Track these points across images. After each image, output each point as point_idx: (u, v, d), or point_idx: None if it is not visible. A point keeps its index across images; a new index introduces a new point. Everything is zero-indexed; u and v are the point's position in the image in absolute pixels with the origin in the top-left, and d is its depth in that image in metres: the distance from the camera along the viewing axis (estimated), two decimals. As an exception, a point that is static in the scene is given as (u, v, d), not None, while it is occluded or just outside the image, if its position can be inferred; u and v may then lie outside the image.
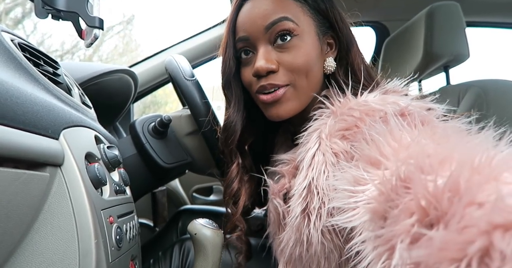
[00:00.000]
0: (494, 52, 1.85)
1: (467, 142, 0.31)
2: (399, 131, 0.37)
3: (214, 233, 0.53)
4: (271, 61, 0.52)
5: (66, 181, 0.37)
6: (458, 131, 0.37)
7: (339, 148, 0.45)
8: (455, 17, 0.95)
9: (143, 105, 2.00)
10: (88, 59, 2.87)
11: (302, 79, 0.53)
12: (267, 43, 0.53)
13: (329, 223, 0.43)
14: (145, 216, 1.26)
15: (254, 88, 0.55)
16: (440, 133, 0.36)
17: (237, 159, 0.62)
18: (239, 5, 0.56)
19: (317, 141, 0.49)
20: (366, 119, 0.44)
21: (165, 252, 0.79)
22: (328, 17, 0.56)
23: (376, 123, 0.41)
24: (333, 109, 0.50)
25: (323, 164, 0.46)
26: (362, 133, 0.41)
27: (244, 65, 0.57)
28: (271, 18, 0.52)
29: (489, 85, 0.87)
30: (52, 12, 0.51)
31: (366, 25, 1.47)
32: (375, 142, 0.37)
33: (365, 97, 0.49)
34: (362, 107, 0.46)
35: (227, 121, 0.60)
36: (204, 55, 1.26)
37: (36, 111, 0.35)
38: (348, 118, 0.46)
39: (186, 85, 0.71)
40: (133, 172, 0.69)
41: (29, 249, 0.35)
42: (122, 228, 0.47)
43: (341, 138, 0.46)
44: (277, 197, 0.56)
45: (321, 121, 0.50)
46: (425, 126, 0.40)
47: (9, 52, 0.43)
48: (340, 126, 0.46)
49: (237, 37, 0.56)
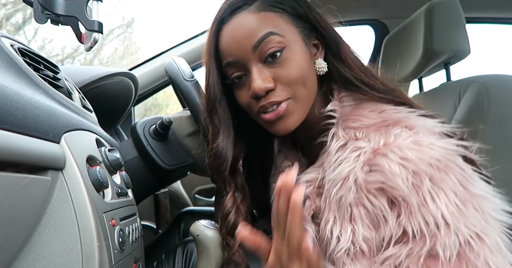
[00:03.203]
0: (495, 48, 1.84)
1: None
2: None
3: (216, 234, 0.53)
4: (267, 80, 0.50)
5: (68, 184, 0.37)
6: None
7: (375, 208, 0.44)
8: (454, 14, 0.95)
9: (144, 107, 2.01)
10: (89, 63, 2.88)
11: (300, 89, 0.51)
12: (257, 61, 0.51)
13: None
14: (147, 218, 1.27)
15: (255, 109, 0.53)
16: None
17: (231, 188, 0.59)
18: (217, 29, 0.53)
19: (353, 189, 0.46)
20: (403, 180, 0.43)
21: (168, 255, 0.79)
22: (309, 20, 0.54)
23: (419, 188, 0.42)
24: (367, 149, 0.47)
25: (356, 211, 0.46)
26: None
27: (238, 88, 0.55)
28: (257, 36, 0.50)
29: (490, 81, 0.87)
30: (51, 16, 0.51)
31: (365, 24, 1.47)
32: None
33: (398, 138, 0.46)
34: (399, 158, 0.44)
35: (217, 149, 0.57)
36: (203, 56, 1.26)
37: (37, 115, 0.36)
38: (385, 170, 0.44)
39: (185, 86, 0.71)
40: (135, 174, 0.69)
41: (32, 253, 0.35)
42: (125, 230, 0.47)
43: (379, 191, 0.44)
44: (305, 221, 0.52)
45: (353, 161, 0.47)
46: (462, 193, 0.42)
47: (9, 57, 0.43)
48: (378, 178, 0.44)
49: (224, 62, 0.53)
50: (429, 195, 0.41)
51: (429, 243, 0.41)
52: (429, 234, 0.41)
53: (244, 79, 0.53)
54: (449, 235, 0.40)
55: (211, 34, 0.54)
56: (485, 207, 0.42)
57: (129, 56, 3.16)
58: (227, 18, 0.53)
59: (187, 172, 0.92)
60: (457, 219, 0.41)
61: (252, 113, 0.55)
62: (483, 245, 0.40)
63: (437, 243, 0.41)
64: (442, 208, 0.41)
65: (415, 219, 0.41)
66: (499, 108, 0.82)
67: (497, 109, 0.81)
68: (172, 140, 0.82)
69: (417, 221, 0.41)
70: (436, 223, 0.41)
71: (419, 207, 0.41)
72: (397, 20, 1.31)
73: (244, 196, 0.60)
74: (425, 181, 0.42)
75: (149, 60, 1.27)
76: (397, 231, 0.43)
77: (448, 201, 0.41)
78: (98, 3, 0.52)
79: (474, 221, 0.41)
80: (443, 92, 0.97)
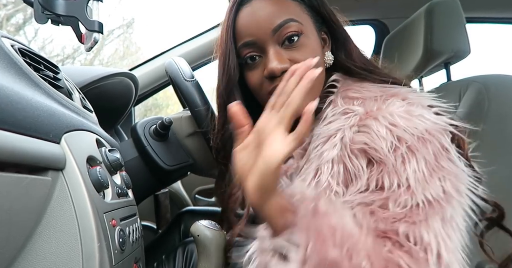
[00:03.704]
0: (496, 48, 1.84)
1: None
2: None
3: (217, 234, 0.53)
4: (284, 61, 0.52)
5: (68, 185, 0.37)
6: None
7: (354, 167, 0.47)
8: (454, 13, 0.95)
9: (144, 108, 2.01)
10: (89, 63, 2.88)
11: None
12: (275, 44, 0.53)
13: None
14: (148, 219, 1.27)
15: (267, 89, 0.54)
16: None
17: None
18: (236, 10, 0.55)
19: (338, 146, 0.49)
20: (386, 144, 0.45)
21: (169, 255, 0.79)
22: (321, 13, 0.57)
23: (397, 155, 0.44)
24: (359, 111, 0.49)
25: (336, 168, 0.48)
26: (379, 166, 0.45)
27: (250, 69, 0.56)
28: (277, 21, 0.52)
29: (490, 81, 0.87)
30: (51, 17, 0.51)
31: (365, 23, 1.47)
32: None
33: (391, 105, 0.48)
34: (388, 122, 0.46)
35: (228, 132, 0.58)
36: (204, 57, 1.26)
37: (37, 115, 0.36)
38: (372, 132, 0.46)
39: (186, 86, 0.71)
40: (135, 174, 0.69)
41: (32, 254, 0.35)
42: (125, 230, 0.47)
43: (361, 152, 0.47)
44: (283, 176, 0.55)
45: (344, 121, 0.50)
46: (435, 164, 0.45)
47: (9, 58, 0.43)
48: (363, 139, 0.47)
49: (241, 42, 0.54)
50: (401, 159, 0.44)
51: (384, 196, 0.44)
52: (388, 189, 0.44)
53: (258, 60, 0.55)
54: (405, 195, 0.43)
55: (229, 15, 0.55)
56: (450, 183, 0.44)
57: (129, 56, 3.16)
58: (246, 1, 0.54)
59: (187, 173, 0.92)
60: (419, 184, 0.43)
61: (263, 94, 0.56)
62: (430, 211, 0.43)
63: (391, 198, 0.43)
64: (409, 172, 0.43)
65: (382, 176, 0.44)
66: (499, 108, 0.82)
67: (497, 109, 0.81)
68: (172, 141, 0.82)
69: (383, 179, 0.44)
70: (399, 184, 0.43)
71: (390, 168, 0.44)
72: (397, 20, 1.31)
73: None
74: (403, 147, 0.44)
75: (149, 60, 1.27)
76: (365, 186, 0.46)
77: (417, 168, 0.44)
78: (98, 3, 0.52)
79: (432, 191, 0.43)
80: (443, 92, 0.97)
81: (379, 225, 0.42)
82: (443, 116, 0.50)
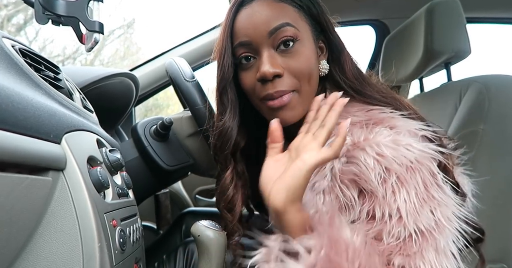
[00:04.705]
0: (496, 48, 1.84)
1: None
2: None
3: (217, 234, 0.53)
4: (276, 65, 0.52)
5: (69, 185, 0.37)
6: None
7: (345, 198, 0.48)
8: (455, 14, 0.95)
9: (145, 108, 2.01)
10: (90, 64, 2.88)
11: (305, 84, 0.53)
12: (270, 47, 0.53)
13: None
14: (148, 219, 1.27)
15: (259, 94, 0.55)
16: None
17: (231, 165, 0.61)
18: (235, 11, 0.55)
19: (328, 177, 0.49)
20: (375, 175, 0.46)
21: (169, 255, 0.79)
22: (319, 22, 0.56)
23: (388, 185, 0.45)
24: (347, 142, 0.49)
25: (328, 198, 0.49)
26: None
27: (244, 70, 0.56)
28: (274, 24, 0.52)
29: (490, 81, 0.87)
30: (52, 17, 0.51)
31: (366, 24, 1.47)
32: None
33: (378, 135, 0.48)
34: (375, 153, 0.47)
35: (223, 128, 0.59)
36: (204, 57, 1.26)
37: (38, 116, 0.36)
38: (361, 163, 0.47)
39: (186, 87, 0.71)
40: (136, 175, 0.69)
41: (33, 254, 0.35)
42: (126, 231, 0.47)
43: (352, 182, 0.47)
44: None
45: None
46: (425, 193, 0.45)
47: (10, 58, 0.43)
48: (352, 170, 0.47)
49: (237, 42, 0.55)
50: (391, 189, 0.45)
51: (377, 227, 0.44)
52: (380, 220, 0.44)
53: (252, 62, 0.55)
54: (397, 226, 0.44)
55: (229, 15, 0.56)
56: (440, 212, 0.45)
57: (130, 56, 3.16)
58: (247, 1, 0.55)
59: (188, 173, 0.92)
60: (411, 215, 0.44)
61: (256, 98, 0.56)
62: (424, 242, 0.43)
63: (384, 230, 0.44)
64: (399, 203, 0.44)
65: (373, 207, 0.45)
66: (500, 108, 0.82)
67: (497, 109, 0.81)
68: (172, 141, 0.82)
69: (374, 209, 0.45)
70: (390, 214, 0.44)
71: (380, 199, 0.45)
72: (397, 20, 1.31)
73: (244, 181, 0.63)
74: (393, 177, 0.45)
75: (150, 60, 1.28)
76: (357, 216, 0.46)
77: (408, 198, 0.44)
78: (99, 3, 0.52)
79: (424, 221, 0.44)
80: (443, 92, 0.97)
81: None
82: (430, 143, 0.50)
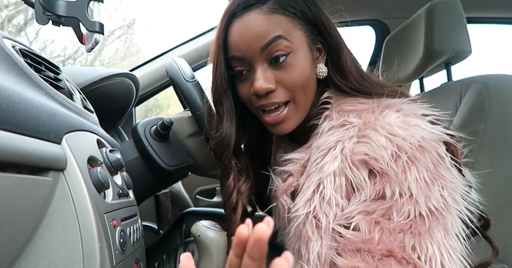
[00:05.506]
0: (496, 48, 1.84)
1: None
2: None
3: (217, 234, 0.53)
4: (269, 81, 0.53)
5: (69, 185, 0.37)
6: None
7: (356, 179, 0.47)
8: (455, 14, 0.95)
9: (145, 108, 2.01)
10: (90, 64, 2.89)
11: (300, 94, 0.54)
12: (263, 61, 0.53)
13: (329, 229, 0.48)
14: (148, 219, 1.27)
15: (254, 104, 0.56)
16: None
17: (233, 172, 0.62)
18: (227, 22, 0.54)
19: (338, 158, 0.49)
20: (387, 153, 0.45)
21: (170, 255, 0.79)
22: (316, 25, 0.55)
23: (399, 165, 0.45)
24: (357, 123, 0.50)
25: (339, 180, 0.49)
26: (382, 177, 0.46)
27: (241, 81, 0.57)
28: (265, 39, 0.51)
29: (491, 81, 0.87)
30: (52, 18, 0.52)
31: (366, 24, 1.46)
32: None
33: (388, 117, 0.49)
34: (387, 132, 0.47)
35: (221, 137, 0.59)
36: (204, 57, 1.25)
37: (38, 116, 0.36)
38: (372, 142, 0.47)
39: (186, 87, 0.71)
40: (136, 175, 0.69)
41: (33, 254, 0.35)
42: (126, 231, 0.47)
43: (362, 163, 0.47)
44: (284, 195, 0.57)
45: (343, 132, 0.50)
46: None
47: (10, 58, 0.43)
48: (363, 150, 0.47)
49: (231, 55, 0.55)
50: (402, 168, 0.45)
51: (386, 205, 0.44)
52: (390, 199, 0.44)
53: (246, 74, 0.56)
54: (408, 204, 0.44)
55: (221, 27, 0.56)
56: (449, 190, 0.45)
57: (130, 57, 3.16)
58: (238, 14, 0.54)
59: (188, 173, 0.92)
60: (422, 193, 0.44)
61: (252, 107, 0.58)
62: (434, 221, 0.43)
63: (394, 208, 0.44)
64: (411, 181, 0.44)
65: (383, 186, 0.45)
66: (500, 108, 0.82)
67: (498, 109, 0.81)
68: (173, 141, 0.82)
69: (384, 188, 0.45)
70: (401, 193, 0.44)
71: (392, 178, 0.45)
72: (398, 20, 1.31)
73: (247, 176, 0.64)
74: (403, 156, 0.45)
75: (150, 61, 1.28)
76: (369, 196, 0.46)
77: (419, 176, 0.44)
78: (99, 4, 0.52)
79: (434, 199, 0.44)
80: (444, 92, 0.97)
81: (383, 236, 0.43)
82: (438, 125, 0.50)
